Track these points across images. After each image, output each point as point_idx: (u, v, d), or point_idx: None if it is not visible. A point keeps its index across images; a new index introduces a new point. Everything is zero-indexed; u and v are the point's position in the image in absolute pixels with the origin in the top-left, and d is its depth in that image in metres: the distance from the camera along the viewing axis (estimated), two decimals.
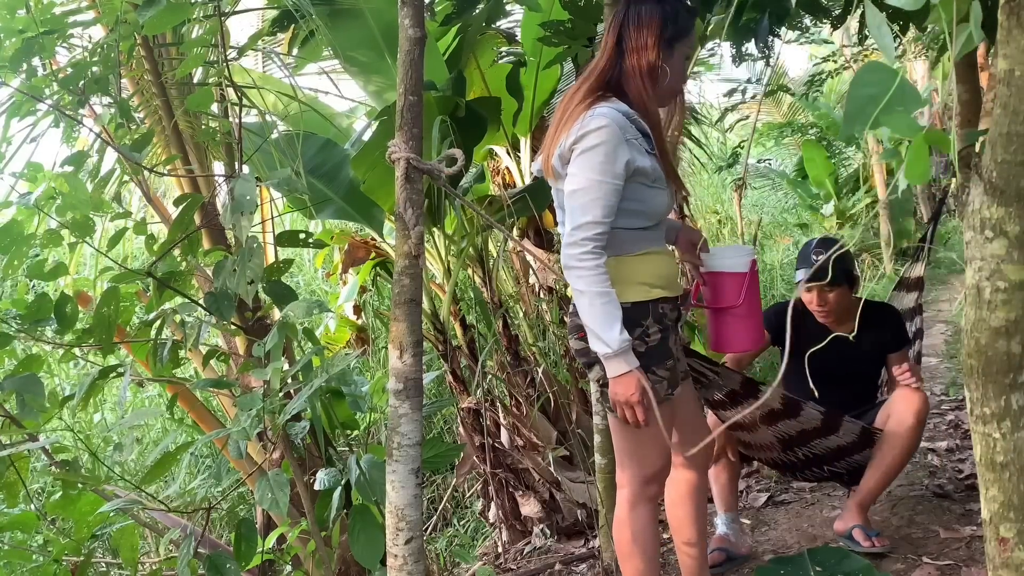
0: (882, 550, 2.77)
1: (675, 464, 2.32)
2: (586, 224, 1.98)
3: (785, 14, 3.03)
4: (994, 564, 1.45)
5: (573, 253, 1.98)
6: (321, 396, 2.40)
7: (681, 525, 2.41)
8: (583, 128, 2.00)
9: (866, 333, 2.74)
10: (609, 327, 1.97)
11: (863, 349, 2.95)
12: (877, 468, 2.79)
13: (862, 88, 1.26)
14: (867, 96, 1.24)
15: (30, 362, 2.60)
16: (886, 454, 2.77)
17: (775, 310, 3.12)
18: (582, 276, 1.98)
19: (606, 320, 1.97)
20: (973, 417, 1.44)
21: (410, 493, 1.93)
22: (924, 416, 2.77)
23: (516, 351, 3.98)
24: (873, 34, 1.35)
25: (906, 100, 1.22)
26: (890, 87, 1.23)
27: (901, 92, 1.23)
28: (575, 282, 2.00)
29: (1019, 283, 1.36)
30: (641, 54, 2.08)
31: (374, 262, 4.12)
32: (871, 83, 1.25)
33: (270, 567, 3.39)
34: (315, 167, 3.58)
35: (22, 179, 2.53)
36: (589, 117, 2.01)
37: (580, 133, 2.00)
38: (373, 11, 3.50)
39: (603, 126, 1.99)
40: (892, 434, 2.75)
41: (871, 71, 1.27)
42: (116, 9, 2.45)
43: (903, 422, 2.74)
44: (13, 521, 2.69)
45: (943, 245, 9.58)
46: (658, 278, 2.10)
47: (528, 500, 3.80)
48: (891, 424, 2.77)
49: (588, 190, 1.99)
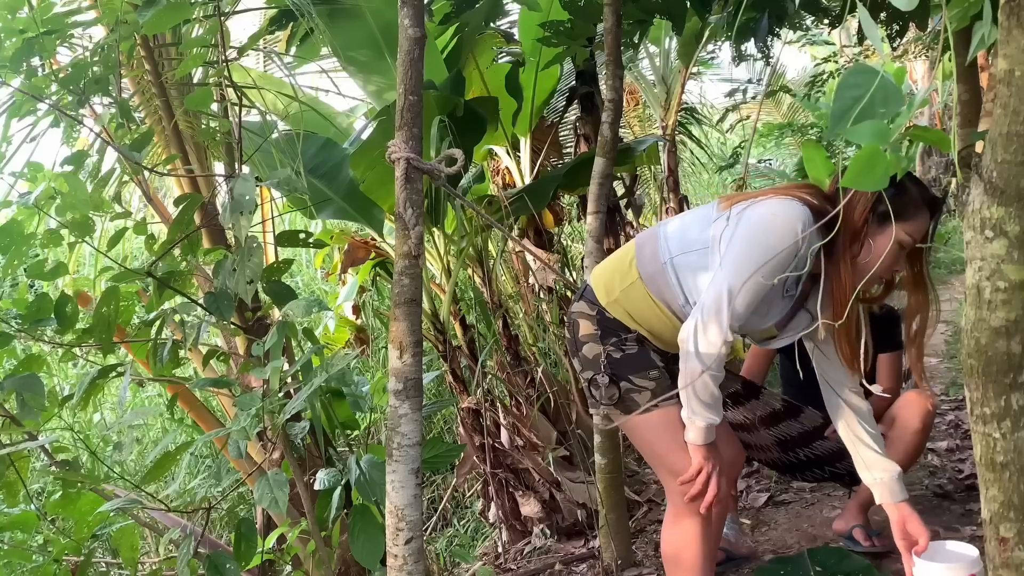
0: (882, 549, 2.77)
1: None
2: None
3: (785, 14, 3.03)
4: (994, 564, 1.45)
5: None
6: (321, 396, 2.40)
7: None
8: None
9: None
10: (712, 406, 2.03)
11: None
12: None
13: (848, 90, 1.26)
14: (852, 97, 1.24)
15: (30, 362, 2.60)
16: (893, 457, 2.76)
17: None
18: (701, 354, 2.00)
19: (709, 400, 2.04)
20: (973, 417, 1.44)
21: (410, 493, 1.92)
22: (930, 422, 2.75)
23: (516, 351, 3.98)
24: (868, 33, 1.35)
25: (888, 102, 1.22)
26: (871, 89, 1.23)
27: (883, 93, 1.22)
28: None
29: (1019, 283, 1.36)
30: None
31: (374, 262, 4.11)
32: (856, 84, 1.25)
33: (270, 567, 3.39)
34: (315, 167, 3.58)
35: (22, 179, 2.53)
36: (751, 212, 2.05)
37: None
38: (373, 11, 3.50)
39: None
40: (897, 438, 2.75)
41: (857, 73, 1.27)
42: (116, 9, 2.45)
43: (908, 427, 2.73)
44: (13, 521, 2.69)
45: (943, 245, 9.57)
46: (652, 335, 2.17)
47: (528, 500, 3.80)
48: (896, 428, 2.76)
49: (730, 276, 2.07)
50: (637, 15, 3.29)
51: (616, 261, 2.25)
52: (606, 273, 2.23)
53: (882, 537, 2.82)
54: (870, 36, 1.34)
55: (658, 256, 2.12)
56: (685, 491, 2.10)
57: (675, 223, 2.19)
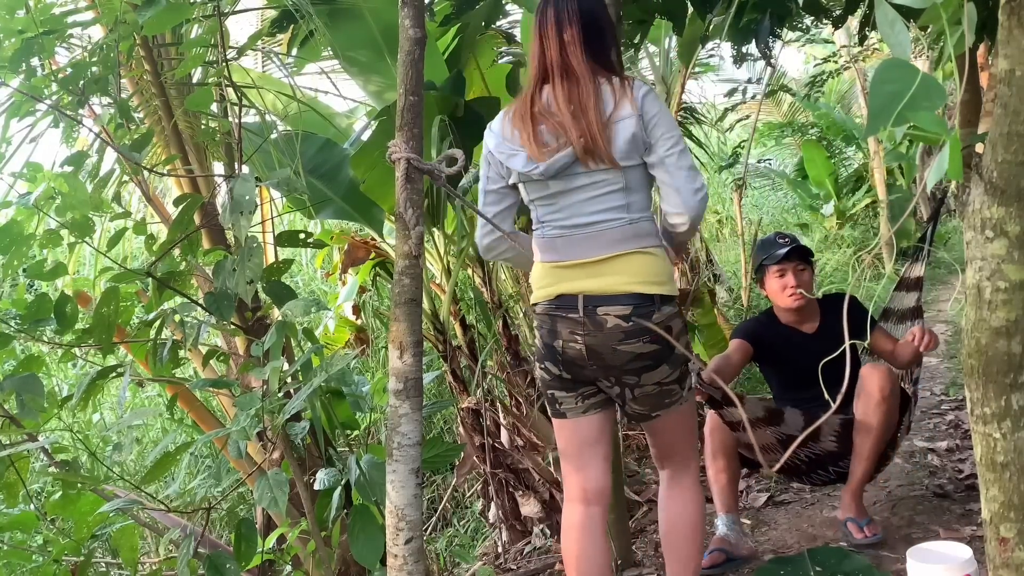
0: (873, 539, 2.83)
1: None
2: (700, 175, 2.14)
3: (786, 15, 3.03)
4: (994, 564, 1.45)
5: (704, 203, 2.12)
6: (321, 396, 2.40)
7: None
8: (646, 92, 2.08)
9: (833, 325, 2.78)
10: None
11: (833, 343, 2.95)
12: (858, 454, 2.84)
13: (884, 85, 1.22)
14: (890, 93, 1.21)
15: (30, 362, 2.60)
16: (864, 438, 2.81)
17: (752, 322, 3.20)
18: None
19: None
20: (973, 417, 1.44)
21: (410, 493, 1.92)
22: (889, 388, 2.76)
23: (516, 351, 3.98)
24: (884, 32, 1.34)
25: (930, 96, 1.20)
26: (912, 83, 1.20)
27: (925, 88, 1.20)
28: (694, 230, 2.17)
29: (1019, 283, 1.36)
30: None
31: (374, 262, 4.11)
32: (892, 80, 1.22)
33: (270, 567, 3.39)
34: (315, 167, 3.58)
35: (22, 179, 2.53)
36: (637, 84, 2.10)
37: (648, 97, 2.08)
38: (373, 11, 3.49)
39: (654, 91, 2.11)
40: (864, 416, 2.79)
41: (891, 68, 1.23)
42: (116, 9, 2.45)
43: (870, 401, 2.77)
44: (13, 521, 2.69)
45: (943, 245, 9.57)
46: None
47: (528, 500, 3.80)
48: (860, 406, 2.80)
49: (686, 148, 2.11)
50: (637, 15, 3.29)
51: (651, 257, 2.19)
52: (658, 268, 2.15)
53: (872, 524, 2.88)
54: (894, 36, 1.32)
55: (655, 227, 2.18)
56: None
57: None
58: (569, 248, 2.12)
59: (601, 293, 2.08)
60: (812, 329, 3.04)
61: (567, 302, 2.11)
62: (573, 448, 2.26)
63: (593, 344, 2.09)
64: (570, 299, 2.10)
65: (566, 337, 2.12)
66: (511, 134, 2.15)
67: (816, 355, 2.83)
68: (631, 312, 2.06)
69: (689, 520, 2.28)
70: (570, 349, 2.12)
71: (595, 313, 2.07)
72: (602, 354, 2.10)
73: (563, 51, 2.09)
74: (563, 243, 2.13)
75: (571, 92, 2.08)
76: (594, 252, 2.10)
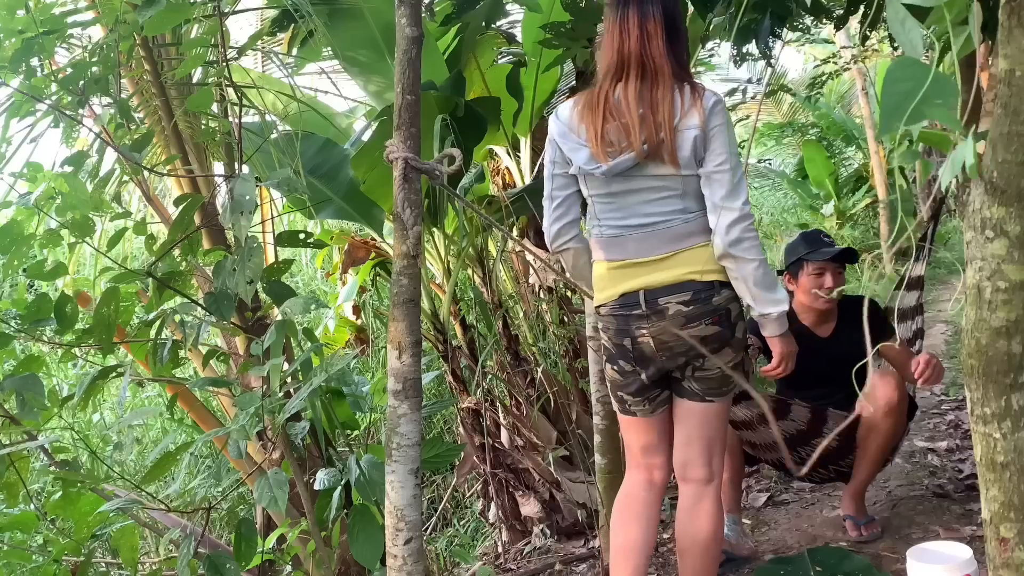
0: (869, 538, 2.86)
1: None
2: (747, 198, 2.09)
3: (787, 15, 3.02)
4: (994, 564, 1.45)
5: (747, 225, 2.06)
6: (321, 396, 2.40)
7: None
8: (714, 104, 2.06)
9: (848, 331, 2.77)
10: (779, 289, 2.13)
11: (847, 347, 2.95)
12: (862, 457, 2.86)
13: (897, 84, 1.23)
14: (903, 92, 1.22)
15: (30, 362, 2.60)
16: (870, 443, 2.82)
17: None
18: (756, 245, 2.08)
19: (775, 283, 2.12)
20: (973, 417, 1.44)
21: (410, 493, 1.92)
22: (898, 398, 2.77)
23: (516, 351, 3.98)
24: (895, 31, 1.33)
25: (944, 93, 1.20)
26: (925, 81, 1.20)
27: (938, 86, 1.20)
28: (748, 252, 2.07)
29: (1020, 283, 1.35)
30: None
31: (374, 262, 4.11)
32: (905, 78, 1.22)
33: (270, 567, 3.39)
34: (315, 167, 3.58)
35: (22, 179, 2.53)
36: (708, 94, 2.07)
37: (716, 109, 2.06)
38: (373, 11, 3.49)
39: (723, 103, 2.08)
40: (873, 422, 2.79)
41: (904, 66, 1.24)
42: (116, 9, 2.45)
43: (880, 409, 2.77)
44: (13, 521, 2.69)
45: (943, 245, 9.56)
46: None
47: (528, 500, 3.80)
48: (868, 413, 2.80)
49: (737, 167, 2.07)
50: None
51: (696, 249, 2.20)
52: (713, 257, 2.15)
53: (871, 524, 2.91)
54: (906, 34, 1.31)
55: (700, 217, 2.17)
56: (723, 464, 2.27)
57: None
58: (627, 247, 2.16)
59: (661, 285, 2.13)
60: (827, 332, 3.01)
61: (630, 299, 2.16)
62: (639, 444, 2.32)
63: (659, 334, 2.14)
64: (632, 296, 2.15)
65: (634, 333, 2.16)
66: (577, 127, 2.16)
67: (828, 360, 2.84)
68: (691, 298, 2.11)
69: (709, 536, 2.23)
70: (640, 343, 2.16)
71: (657, 304, 2.13)
72: (668, 342, 2.14)
73: (644, 44, 2.08)
74: (620, 242, 2.17)
75: (644, 92, 2.08)
76: (652, 251, 2.14)
